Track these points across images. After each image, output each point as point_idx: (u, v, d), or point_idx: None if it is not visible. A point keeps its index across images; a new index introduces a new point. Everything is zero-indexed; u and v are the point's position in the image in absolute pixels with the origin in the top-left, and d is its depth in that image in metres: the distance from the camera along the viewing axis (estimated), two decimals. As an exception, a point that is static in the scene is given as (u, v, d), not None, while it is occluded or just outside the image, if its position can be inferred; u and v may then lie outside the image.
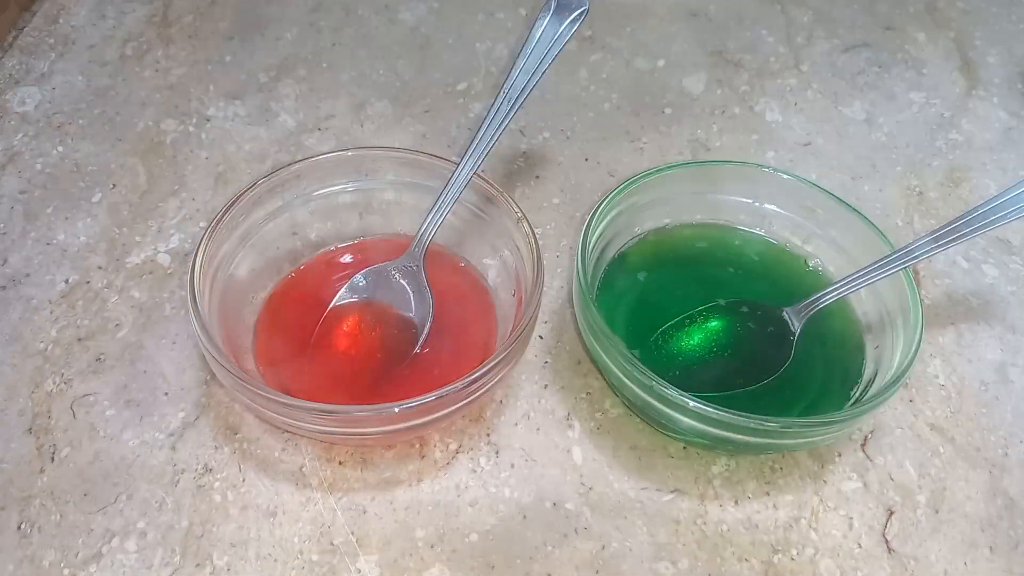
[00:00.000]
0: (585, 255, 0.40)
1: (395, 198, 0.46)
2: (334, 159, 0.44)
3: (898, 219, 0.51)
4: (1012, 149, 0.56)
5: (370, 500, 0.38)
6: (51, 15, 0.61)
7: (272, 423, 0.38)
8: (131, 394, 0.41)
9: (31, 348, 0.43)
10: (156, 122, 0.54)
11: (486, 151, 0.40)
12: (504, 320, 0.42)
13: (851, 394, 0.40)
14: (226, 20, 0.61)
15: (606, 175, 0.53)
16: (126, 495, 0.38)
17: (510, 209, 0.41)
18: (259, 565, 0.36)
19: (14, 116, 0.54)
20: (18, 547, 0.36)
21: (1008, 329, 0.46)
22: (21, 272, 0.46)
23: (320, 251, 0.45)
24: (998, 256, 0.50)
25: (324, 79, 0.58)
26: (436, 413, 0.35)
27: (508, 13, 0.63)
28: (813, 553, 0.37)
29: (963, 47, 0.63)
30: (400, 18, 0.62)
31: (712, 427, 0.35)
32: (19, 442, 0.40)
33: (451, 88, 0.57)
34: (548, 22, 0.39)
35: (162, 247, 0.48)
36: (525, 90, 0.39)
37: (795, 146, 0.55)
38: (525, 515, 0.38)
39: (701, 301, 0.42)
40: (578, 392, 0.42)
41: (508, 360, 0.36)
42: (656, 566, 0.37)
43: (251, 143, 0.54)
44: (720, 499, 0.39)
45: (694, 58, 0.61)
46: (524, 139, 0.55)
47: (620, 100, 0.57)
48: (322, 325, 0.41)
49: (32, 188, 0.50)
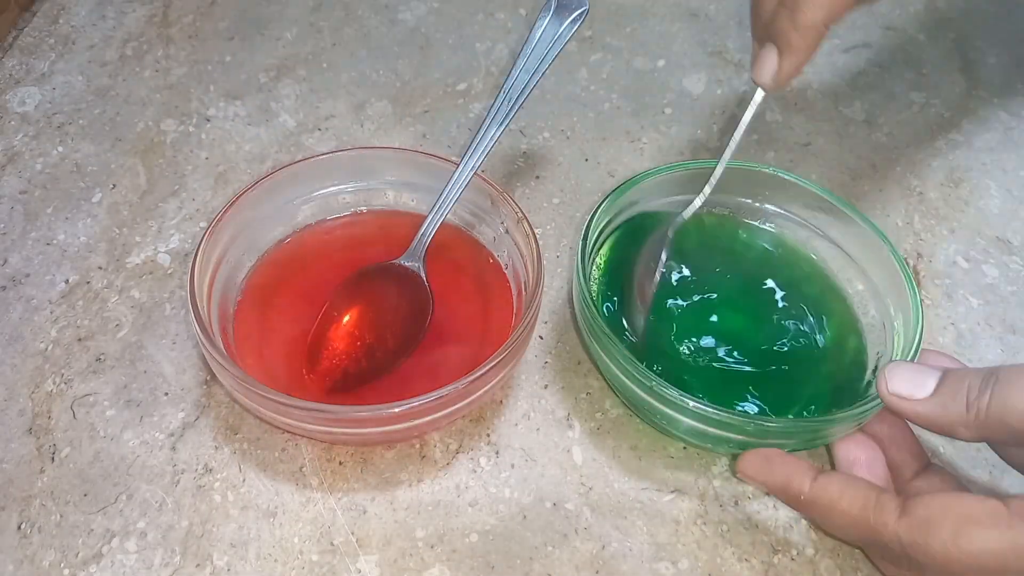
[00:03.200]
0: (585, 255, 0.40)
1: (395, 198, 0.46)
2: (334, 159, 0.44)
3: (898, 219, 0.51)
4: (1012, 149, 0.56)
5: (370, 500, 0.38)
6: (51, 15, 0.61)
7: (272, 423, 0.38)
8: (131, 394, 0.41)
9: (31, 348, 0.43)
10: (156, 122, 0.54)
11: (486, 151, 0.40)
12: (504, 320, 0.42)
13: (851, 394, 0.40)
14: (226, 20, 0.61)
15: (606, 175, 0.53)
16: (126, 495, 0.38)
17: (510, 209, 0.41)
18: (259, 565, 0.36)
19: (14, 116, 0.54)
20: (18, 547, 0.36)
21: (1008, 329, 0.46)
22: (21, 272, 0.46)
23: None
24: (998, 256, 0.50)
25: (324, 79, 0.58)
26: (436, 413, 0.35)
27: (508, 13, 0.63)
28: (813, 553, 0.37)
29: (963, 47, 0.63)
30: (400, 18, 0.62)
31: (712, 427, 0.35)
32: (19, 442, 0.40)
33: (451, 88, 0.57)
34: (548, 22, 0.39)
35: (162, 247, 0.48)
36: (525, 90, 0.40)
37: (795, 146, 0.55)
38: (525, 515, 0.38)
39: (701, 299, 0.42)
40: (578, 392, 0.42)
41: (508, 360, 0.36)
42: (656, 566, 0.37)
43: (251, 143, 0.54)
44: (720, 499, 0.39)
45: (694, 58, 0.61)
46: (524, 139, 0.55)
47: (620, 100, 0.57)
48: (319, 324, 0.41)
49: (32, 188, 0.50)
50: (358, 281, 0.42)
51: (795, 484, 0.34)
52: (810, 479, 0.34)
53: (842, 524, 0.33)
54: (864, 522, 0.32)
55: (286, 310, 0.42)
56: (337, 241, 0.45)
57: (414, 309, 0.41)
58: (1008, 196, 0.53)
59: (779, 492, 0.36)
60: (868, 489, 0.33)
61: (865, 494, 0.32)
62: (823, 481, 0.34)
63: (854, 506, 0.32)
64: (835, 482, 0.34)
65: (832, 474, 0.34)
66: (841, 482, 0.34)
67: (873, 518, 0.32)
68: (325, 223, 0.45)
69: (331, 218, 0.46)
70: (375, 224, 0.46)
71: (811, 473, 0.34)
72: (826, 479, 0.34)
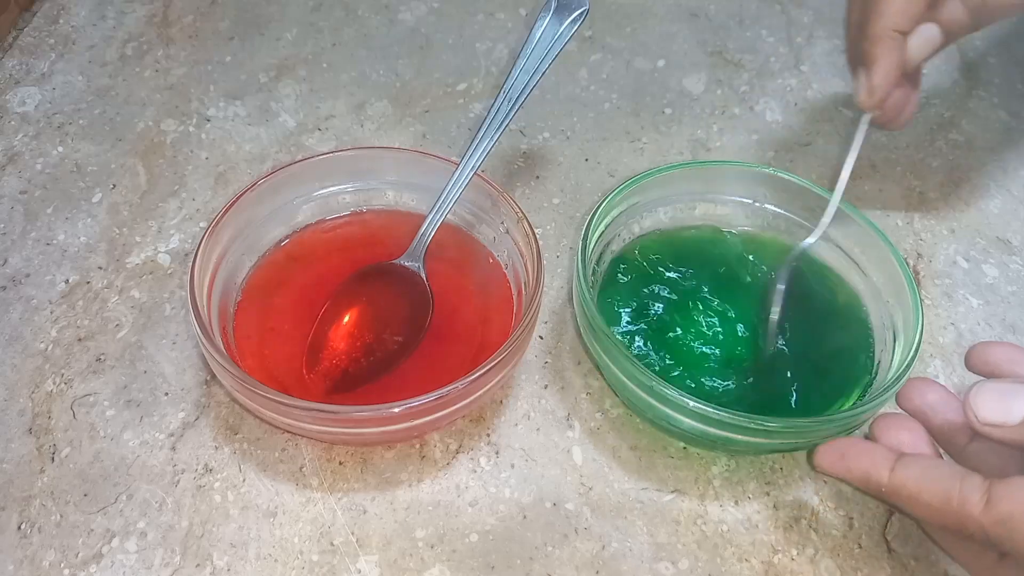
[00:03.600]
0: (585, 255, 0.40)
1: (395, 198, 0.46)
2: (334, 159, 0.44)
3: (898, 219, 0.51)
4: (1012, 149, 0.56)
5: (370, 500, 0.38)
6: (51, 15, 0.61)
7: (272, 423, 0.38)
8: (131, 394, 0.41)
9: (31, 348, 0.43)
10: (156, 122, 0.54)
11: (486, 151, 0.40)
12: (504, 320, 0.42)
13: (851, 394, 0.40)
14: (226, 20, 0.61)
15: (606, 175, 0.53)
16: (126, 495, 0.38)
17: (510, 209, 0.41)
18: (259, 565, 0.36)
19: (14, 116, 0.54)
20: (18, 547, 0.36)
21: (1008, 329, 0.46)
22: (21, 272, 0.46)
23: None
24: (998, 256, 0.50)
25: (324, 79, 0.58)
26: (436, 413, 0.35)
27: (508, 13, 0.63)
28: (813, 553, 0.37)
29: (963, 47, 0.63)
30: (400, 18, 0.62)
31: (712, 427, 0.35)
32: (19, 442, 0.40)
33: (451, 88, 0.57)
34: (548, 22, 0.39)
35: (162, 247, 0.48)
36: (525, 90, 0.40)
37: (795, 146, 0.55)
38: (525, 515, 0.38)
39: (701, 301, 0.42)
40: (578, 392, 0.42)
41: (508, 360, 0.36)
42: (656, 566, 0.37)
43: (251, 143, 0.54)
44: (720, 499, 0.39)
45: (694, 58, 0.61)
46: (524, 139, 0.55)
47: (620, 100, 0.57)
48: (319, 324, 0.41)
49: (32, 188, 0.50)
50: (358, 281, 0.42)
51: (874, 478, 0.33)
52: (888, 470, 0.33)
53: (926, 515, 0.32)
54: (947, 515, 0.31)
55: (286, 310, 0.42)
56: (337, 241, 0.45)
57: (414, 309, 0.41)
58: (1008, 196, 0.53)
59: (859, 486, 0.34)
60: (948, 479, 0.31)
61: (946, 486, 0.31)
62: (901, 474, 0.32)
63: (935, 499, 0.31)
64: (913, 473, 0.32)
65: (910, 462, 0.33)
66: (919, 472, 0.32)
67: (957, 511, 0.30)
68: (325, 223, 0.45)
69: (331, 218, 0.46)
70: (375, 224, 0.46)
71: (888, 463, 0.33)
72: (904, 470, 0.32)
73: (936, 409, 0.36)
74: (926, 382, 0.36)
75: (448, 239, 0.44)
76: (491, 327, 0.42)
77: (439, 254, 0.43)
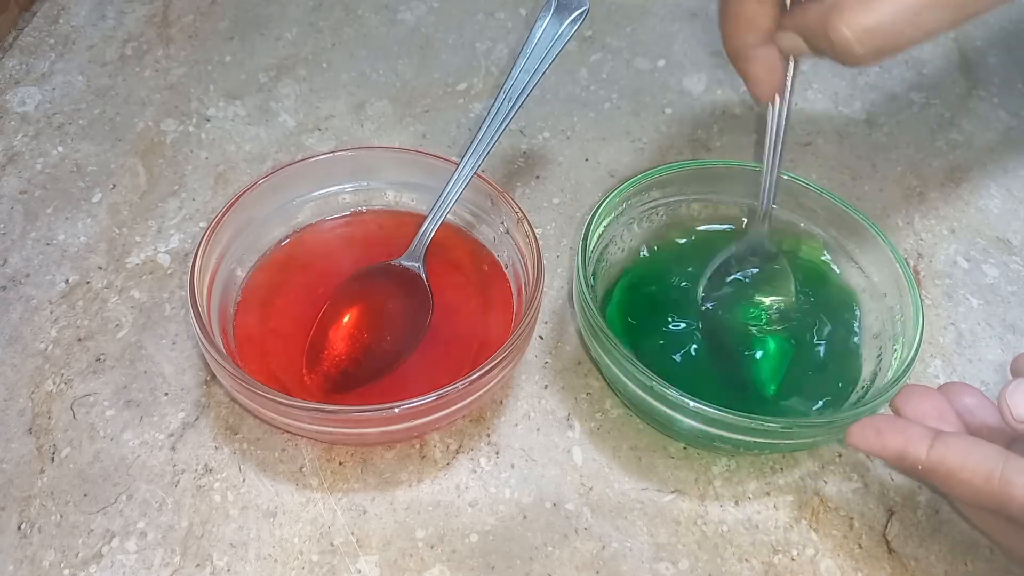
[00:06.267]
0: (585, 255, 0.40)
1: (395, 198, 0.46)
2: (334, 159, 0.44)
3: (898, 219, 0.51)
4: (1012, 149, 0.56)
5: (370, 500, 0.38)
6: (51, 15, 0.61)
7: (272, 423, 0.38)
8: (131, 394, 0.41)
9: (31, 348, 0.43)
10: (156, 122, 0.54)
11: (486, 151, 0.40)
12: (504, 320, 0.42)
13: (851, 394, 0.40)
14: (226, 20, 0.61)
15: (606, 175, 0.53)
16: (126, 495, 0.38)
17: (510, 209, 0.41)
18: (259, 565, 0.36)
19: (14, 116, 0.54)
20: (18, 547, 0.36)
21: (1008, 329, 0.46)
22: (21, 272, 0.46)
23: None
24: (998, 256, 0.50)
25: (324, 79, 0.58)
26: (436, 413, 0.35)
27: (508, 13, 0.63)
28: (813, 553, 0.37)
29: (963, 47, 0.63)
30: (400, 18, 0.62)
31: (712, 427, 0.35)
32: (19, 442, 0.40)
33: (451, 88, 0.57)
34: (548, 22, 0.39)
35: (162, 247, 0.48)
36: (525, 90, 0.39)
37: (795, 146, 0.55)
38: (525, 515, 0.38)
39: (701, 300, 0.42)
40: (578, 392, 0.42)
41: (508, 360, 0.36)
42: (656, 566, 0.37)
43: (251, 143, 0.54)
44: (720, 499, 0.39)
45: (694, 58, 0.61)
46: (524, 139, 0.55)
47: (620, 100, 0.57)
48: (319, 324, 0.41)
49: (32, 188, 0.50)
50: (358, 281, 0.42)
51: (911, 454, 0.32)
52: (926, 447, 0.32)
53: (964, 494, 0.31)
54: (987, 495, 0.30)
55: (286, 310, 0.42)
56: (337, 241, 0.45)
57: (414, 309, 0.41)
58: (1008, 196, 0.53)
59: (895, 463, 0.33)
60: (992, 459, 0.30)
61: (989, 466, 0.30)
62: (940, 450, 0.31)
63: (976, 476, 0.30)
64: (954, 450, 0.31)
65: (950, 440, 0.32)
66: (961, 450, 0.31)
67: (999, 491, 0.30)
68: (325, 223, 0.45)
69: (331, 218, 0.46)
70: (375, 224, 0.46)
71: (927, 440, 0.32)
72: (943, 447, 0.31)
73: (974, 413, 0.35)
74: (962, 386, 0.35)
75: (448, 239, 0.44)
76: (491, 327, 0.42)
77: (439, 254, 0.43)
